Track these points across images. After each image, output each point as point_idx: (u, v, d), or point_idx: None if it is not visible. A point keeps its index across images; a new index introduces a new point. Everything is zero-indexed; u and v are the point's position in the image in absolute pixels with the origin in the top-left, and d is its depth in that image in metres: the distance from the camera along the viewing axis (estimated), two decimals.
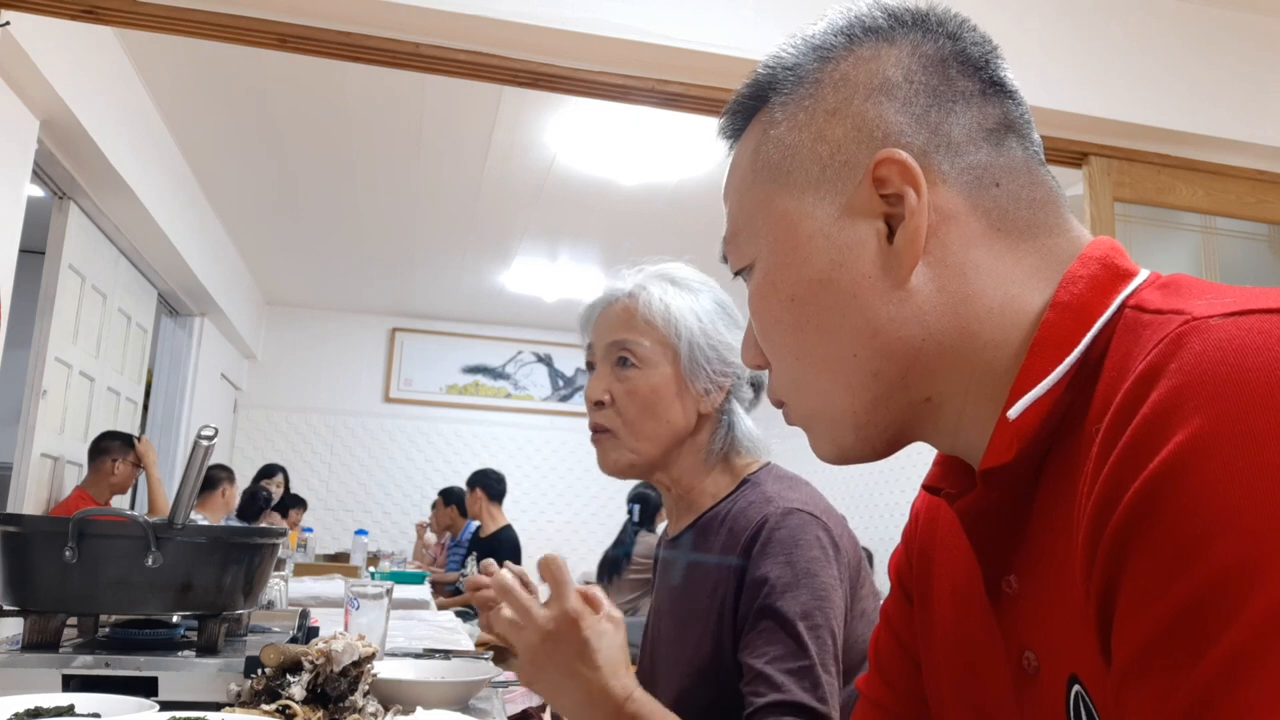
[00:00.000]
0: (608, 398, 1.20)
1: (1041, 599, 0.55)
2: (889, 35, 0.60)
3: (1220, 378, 0.42)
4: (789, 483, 1.18)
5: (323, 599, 2.24)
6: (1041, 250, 0.58)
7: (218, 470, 5.32)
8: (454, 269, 7.16)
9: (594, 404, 1.22)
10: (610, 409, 1.20)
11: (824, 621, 1.03)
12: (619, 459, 1.21)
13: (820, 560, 1.06)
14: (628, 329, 1.21)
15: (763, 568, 1.06)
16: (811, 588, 1.04)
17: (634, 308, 1.21)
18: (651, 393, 1.18)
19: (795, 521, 1.08)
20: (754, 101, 0.65)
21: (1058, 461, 0.53)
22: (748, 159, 0.64)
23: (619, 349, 1.21)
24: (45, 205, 4.00)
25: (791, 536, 1.07)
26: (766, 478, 1.20)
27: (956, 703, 0.65)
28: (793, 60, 0.62)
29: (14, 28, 2.60)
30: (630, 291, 1.23)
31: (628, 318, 1.21)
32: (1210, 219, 3.20)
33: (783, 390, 0.64)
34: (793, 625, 1.02)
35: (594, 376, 1.24)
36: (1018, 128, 0.60)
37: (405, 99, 4.25)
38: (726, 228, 0.67)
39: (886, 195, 0.57)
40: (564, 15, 2.50)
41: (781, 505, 1.10)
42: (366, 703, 0.97)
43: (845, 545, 1.11)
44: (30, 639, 1.10)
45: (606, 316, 1.24)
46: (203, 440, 1.12)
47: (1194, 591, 0.40)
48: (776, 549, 1.06)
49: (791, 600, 1.03)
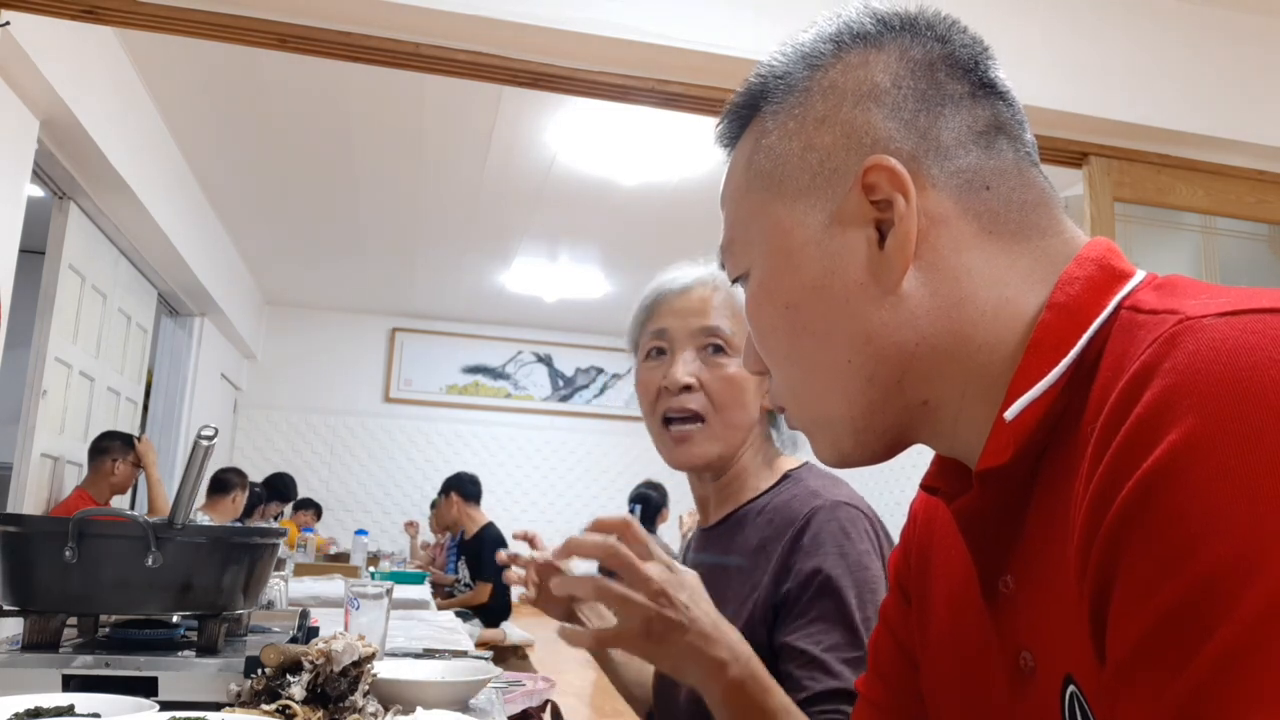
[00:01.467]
0: (696, 382, 1.17)
1: (1037, 599, 0.55)
2: (877, 41, 0.61)
3: (1214, 377, 0.42)
4: (832, 479, 1.19)
5: (323, 599, 2.24)
6: (1036, 252, 0.58)
7: (232, 474, 5.31)
8: (454, 269, 7.16)
9: (680, 389, 1.17)
10: (699, 395, 1.17)
11: (874, 614, 1.04)
12: (708, 451, 1.18)
13: (870, 554, 1.08)
14: (719, 314, 1.19)
15: (815, 558, 1.06)
16: (864, 580, 1.05)
17: (726, 297, 1.20)
18: (744, 381, 1.18)
19: (845, 515, 1.09)
20: (747, 110, 0.65)
21: (1054, 462, 0.53)
22: (742, 167, 0.65)
23: (710, 335, 1.18)
24: (45, 205, 4.00)
25: (843, 529, 1.08)
26: (808, 474, 1.20)
27: (953, 703, 0.66)
28: (783, 69, 0.63)
29: (14, 28, 2.60)
30: (712, 282, 1.21)
31: (720, 306, 1.19)
32: (1210, 219, 3.20)
33: (782, 396, 0.65)
34: (850, 616, 1.03)
35: (676, 361, 1.18)
36: (1009, 129, 0.60)
37: (405, 99, 4.25)
38: (723, 235, 0.67)
39: (876, 201, 0.58)
40: (564, 15, 2.51)
41: (830, 498, 1.11)
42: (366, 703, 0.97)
43: (884, 540, 1.12)
44: (30, 639, 1.10)
45: (685, 302, 1.21)
46: (203, 440, 1.12)
47: (1187, 590, 0.40)
48: (829, 541, 1.07)
49: (847, 591, 1.04)
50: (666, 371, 1.19)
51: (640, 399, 1.25)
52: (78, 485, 4.26)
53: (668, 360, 1.20)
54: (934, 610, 0.69)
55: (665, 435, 1.20)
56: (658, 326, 1.22)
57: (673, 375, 1.17)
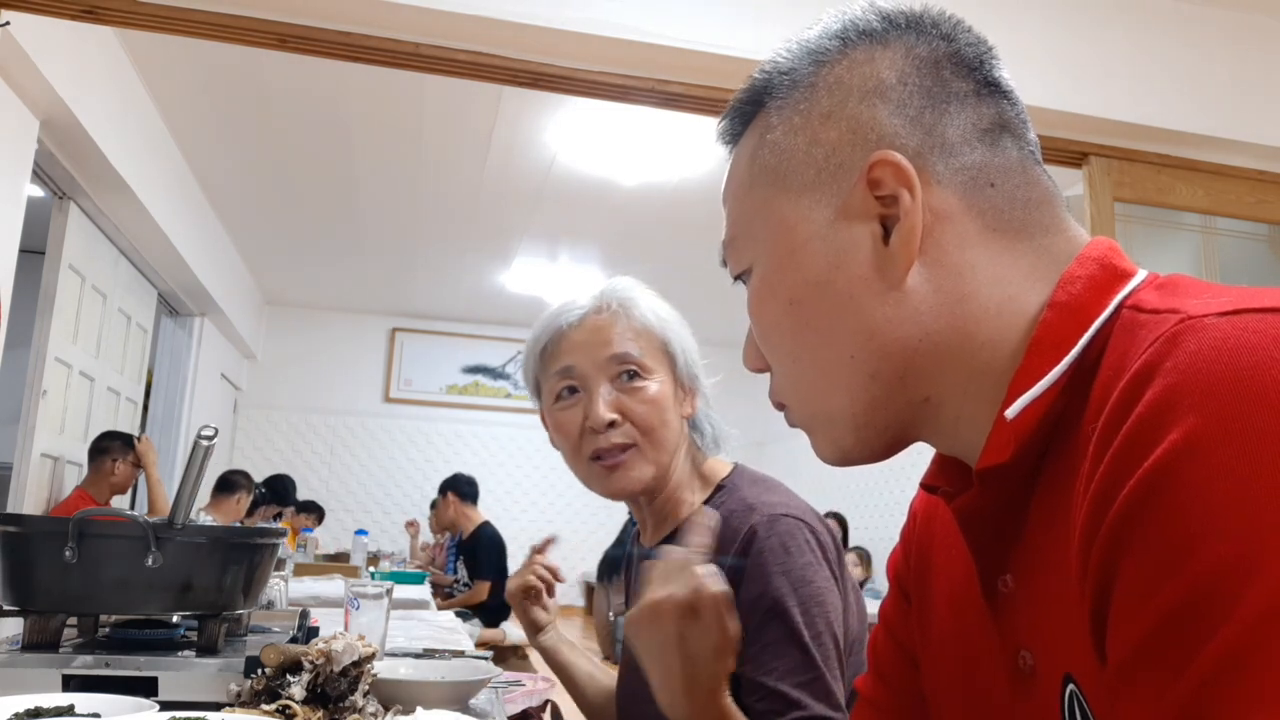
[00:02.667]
0: (619, 416, 1.15)
1: (1037, 599, 0.55)
2: (883, 38, 0.61)
3: (1215, 376, 0.42)
4: (764, 485, 1.17)
5: (323, 599, 2.24)
6: (1038, 250, 0.58)
7: (238, 476, 5.30)
8: (454, 269, 7.16)
9: (606, 426, 1.14)
10: (625, 426, 1.15)
11: (825, 627, 1.03)
12: (643, 474, 1.16)
13: (813, 565, 1.06)
14: (624, 340, 1.17)
15: (758, 583, 1.04)
16: (809, 595, 1.04)
17: (626, 320, 1.18)
18: (663, 400, 1.17)
19: (783, 528, 1.07)
20: (751, 106, 0.65)
21: (1055, 461, 0.53)
22: (745, 163, 0.65)
23: (621, 362, 1.16)
24: (45, 205, 4.00)
25: (782, 545, 1.06)
26: (741, 482, 1.18)
27: (954, 702, 0.66)
28: (788, 65, 0.63)
29: (14, 28, 2.60)
30: (611, 306, 1.19)
31: (623, 331, 1.17)
32: (1210, 219, 3.20)
33: (783, 393, 0.65)
34: (799, 636, 1.01)
35: (595, 399, 1.15)
36: (1013, 127, 0.60)
37: (405, 99, 4.25)
38: (725, 232, 0.67)
39: (881, 197, 0.58)
40: (564, 15, 2.51)
41: (765, 512, 1.09)
42: (366, 703, 0.97)
43: (826, 541, 1.10)
44: (30, 639, 1.10)
45: (584, 334, 1.18)
46: (203, 440, 1.12)
47: (1188, 589, 0.40)
48: (770, 560, 1.05)
49: (793, 611, 1.02)
50: (588, 410, 1.15)
51: (560, 442, 1.20)
52: (78, 485, 4.26)
53: (583, 397, 1.17)
54: (935, 610, 0.69)
55: (595, 468, 1.17)
56: (562, 365, 1.18)
57: (595, 414, 1.14)
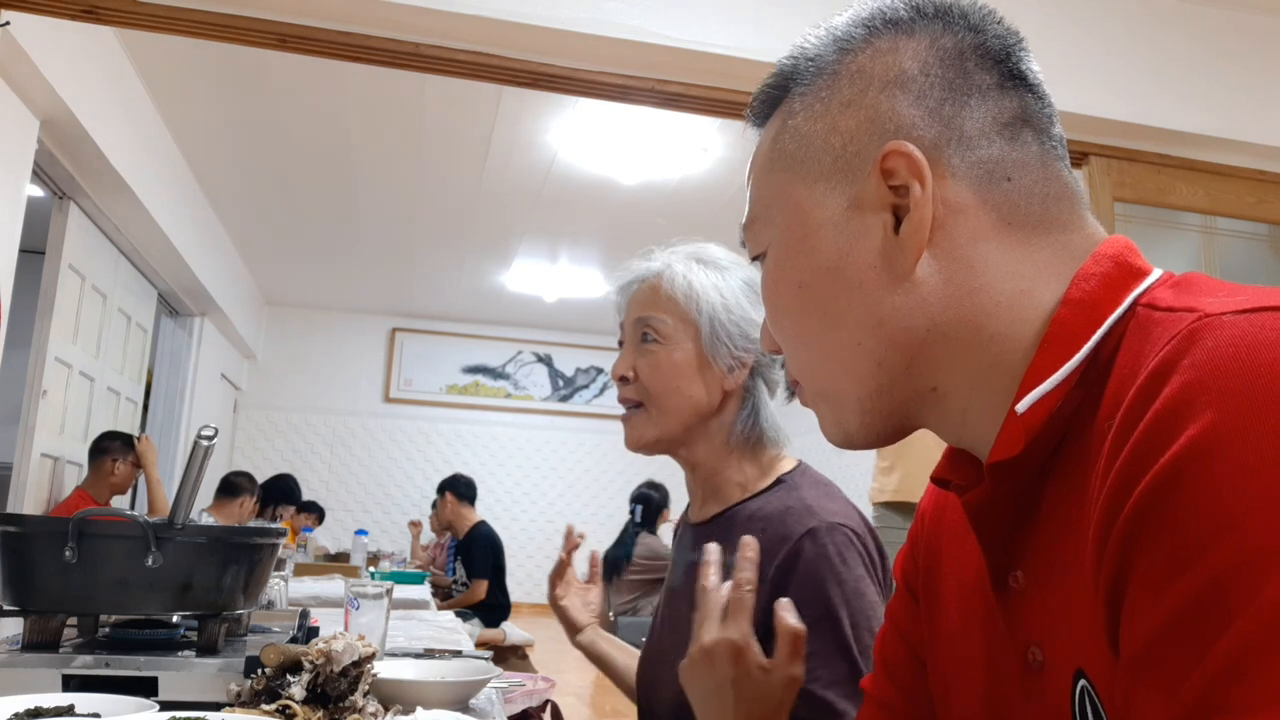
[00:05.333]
0: (631, 373, 1.23)
1: (1048, 594, 0.55)
2: (909, 27, 0.61)
3: (1232, 373, 0.42)
4: (826, 491, 1.17)
5: (323, 599, 2.24)
6: (1054, 246, 0.58)
7: (243, 479, 5.27)
8: (454, 269, 7.16)
9: (619, 379, 1.25)
10: (635, 384, 1.23)
11: (870, 642, 1.03)
12: (643, 434, 1.23)
13: (864, 579, 1.07)
14: (652, 306, 1.23)
15: (811, 586, 1.05)
16: (860, 609, 1.04)
17: (658, 285, 1.24)
18: (673, 367, 1.20)
19: (841, 539, 1.08)
20: (777, 90, 0.66)
21: (1068, 458, 0.53)
22: (767, 147, 0.65)
23: (643, 325, 1.23)
24: (45, 205, 4.00)
25: (840, 554, 1.07)
26: (803, 481, 1.19)
27: (962, 699, 0.65)
28: (814, 51, 0.63)
29: (14, 28, 2.60)
30: (657, 270, 1.26)
31: (653, 295, 1.24)
32: (1210, 219, 3.19)
33: (796, 372, 0.66)
34: (848, 648, 1.02)
35: (621, 354, 1.26)
36: (1036, 122, 0.60)
37: (405, 99, 4.25)
38: (746, 213, 0.68)
39: (894, 187, 0.58)
40: (564, 15, 2.50)
41: (825, 519, 1.09)
42: (366, 703, 0.97)
43: (876, 559, 1.11)
44: (30, 639, 1.10)
45: (635, 295, 1.27)
46: (203, 440, 1.12)
47: (1202, 584, 0.40)
48: (825, 567, 1.06)
49: (844, 623, 1.03)
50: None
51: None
52: (78, 485, 4.26)
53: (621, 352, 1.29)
54: (943, 607, 0.69)
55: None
56: (620, 321, 1.31)
57: (614, 368, 1.26)
